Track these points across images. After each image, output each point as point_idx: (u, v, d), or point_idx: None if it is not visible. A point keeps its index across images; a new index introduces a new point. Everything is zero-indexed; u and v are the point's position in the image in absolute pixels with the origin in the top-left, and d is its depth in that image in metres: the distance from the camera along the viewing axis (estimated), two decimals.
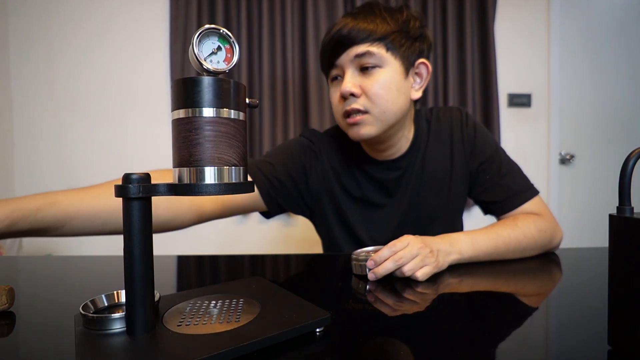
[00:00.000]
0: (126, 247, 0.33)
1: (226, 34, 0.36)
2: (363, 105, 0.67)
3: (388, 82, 0.66)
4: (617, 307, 0.32)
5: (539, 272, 0.61)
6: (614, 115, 1.97)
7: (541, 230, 0.67)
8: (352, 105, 0.67)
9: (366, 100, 0.67)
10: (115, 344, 0.32)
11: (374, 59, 0.66)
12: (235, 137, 0.35)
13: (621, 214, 0.31)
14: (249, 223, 1.79)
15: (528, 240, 0.65)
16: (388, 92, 0.67)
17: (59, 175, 1.72)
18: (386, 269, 0.53)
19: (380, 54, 0.66)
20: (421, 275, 0.53)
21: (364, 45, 0.65)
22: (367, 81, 0.66)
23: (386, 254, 0.54)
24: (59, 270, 0.66)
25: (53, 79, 1.71)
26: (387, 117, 0.68)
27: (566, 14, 1.91)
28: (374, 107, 0.67)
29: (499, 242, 0.63)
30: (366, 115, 0.67)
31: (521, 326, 0.39)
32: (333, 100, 0.72)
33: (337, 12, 1.69)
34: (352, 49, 0.66)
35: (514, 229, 0.65)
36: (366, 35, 0.65)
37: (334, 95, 0.72)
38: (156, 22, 1.72)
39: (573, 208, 1.96)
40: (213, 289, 0.46)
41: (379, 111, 0.67)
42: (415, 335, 0.37)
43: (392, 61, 0.67)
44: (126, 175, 0.32)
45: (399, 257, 0.53)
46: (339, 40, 0.66)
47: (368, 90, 0.66)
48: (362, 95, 0.67)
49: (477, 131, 0.78)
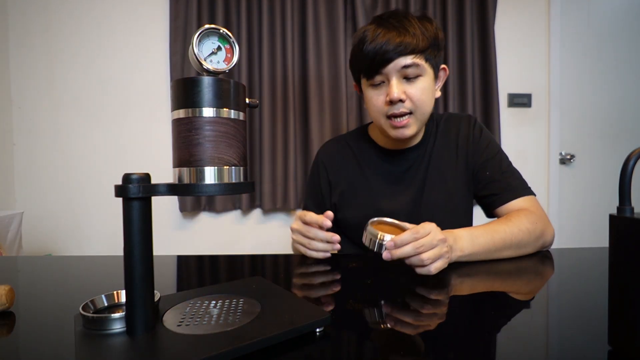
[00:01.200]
0: (126, 247, 0.33)
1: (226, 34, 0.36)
2: (408, 108, 0.77)
3: (427, 89, 0.77)
4: (617, 307, 0.32)
5: (539, 272, 0.61)
6: (614, 115, 1.97)
7: (533, 222, 0.71)
8: (400, 109, 0.76)
9: (411, 105, 0.76)
10: (115, 344, 0.32)
11: (417, 69, 0.75)
12: (235, 137, 0.35)
13: (621, 214, 0.31)
14: (249, 223, 1.79)
15: (522, 234, 0.68)
16: (427, 96, 0.78)
17: (59, 175, 1.72)
18: (404, 253, 0.55)
19: (422, 64, 0.75)
20: (434, 269, 0.55)
21: (409, 57, 0.74)
22: (412, 89, 0.76)
23: (408, 239, 0.56)
24: (59, 270, 0.66)
25: (53, 79, 1.71)
26: (425, 116, 0.80)
27: (566, 14, 1.91)
28: (417, 109, 0.77)
29: (496, 237, 0.66)
30: (411, 117, 0.78)
31: (521, 326, 0.39)
32: (376, 103, 0.80)
33: (337, 12, 1.69)
34: (399, 60, 0.74)
35: (508, 224, 0.69)
36: (412, 49, 0.74)
37: (377, 98, 0.79)
38: (156, 22, 1.72)
39: (573, 208, 1.96)
40: (213, 289, 0.46)
41: (421, 112, 0.78)
42: (415, 335, 0.37)
43: (429, 70, 0.77)
44: (126, 175, 0.32)
45: (420, 245, 0.55)
46: (386, 50, 0.74)
47: (413, 96, 0.76)
48: (407, 100, 0.76)
49: (483, 134, 0.86)
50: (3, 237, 1.37)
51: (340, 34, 1.69)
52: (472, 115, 0.90)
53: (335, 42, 1.70)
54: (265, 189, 1.69)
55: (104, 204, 1.72)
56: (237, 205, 1.74)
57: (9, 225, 1.41)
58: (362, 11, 1.71)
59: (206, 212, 1.77)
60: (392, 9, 1.69)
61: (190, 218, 1.77)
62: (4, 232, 1.38)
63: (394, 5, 1.71)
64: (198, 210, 1.75)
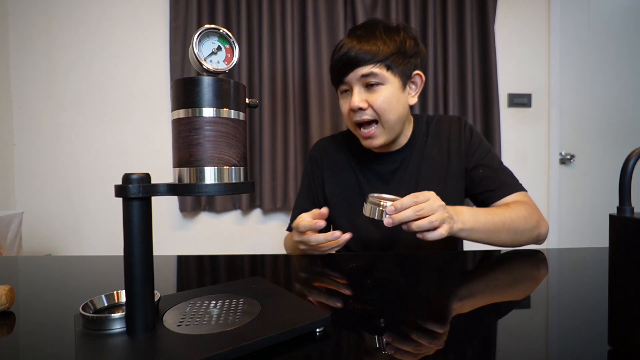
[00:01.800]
0: (126, 247, 0.33)
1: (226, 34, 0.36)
2: (371, 115, 0.78)
3: (389, 97, 0.78)
4: (617, 307, 0.32)
5: (539, 272, 0.61)
6: (614, 115, 1.97)
7: (529, 212, 0.73)
8: (362, 117, 0.78)
9: (373, 112, 0.78)
10: (115, 344, 0.32)
11: (376, 78, 0.76)
12: (235, 137, 0.35)
13: (621, 214, 0.31)
14: (249, 223, 1.79)
15: (520, 220, 0.70)
16: (389, 104, 0.78)
17: (59, 175, 1.72)
18: (405, 217, 0.56)
19: (382, 74, 0.76)
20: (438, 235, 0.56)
21: (368, 66, 0.76)
22: (372, 96, 0.77)
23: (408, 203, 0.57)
24: (59, 270, 0.66)
25: (53, 79, 1.71)
26: (392, 125, 0.80)
27: (566, 14, 1.91)
28: (380, 116, 0.78)
29: (496, 218, 0.68)
30: (377, 127, 0.79)
31: (521, 326, 0.39)
32: (343, 111, 0.83)
33: (337, 12, 1.69)
34: (358, 69, 0.76)
35: (507, 210, 0.72)
36: (370, 58, 0.75)
37: (344, 106, 0.83)
38: (156, 22, 1.72)
39: (573, 208, 1.96)
40: (213, 289, 0.46)
41: (385, 120, 0.79)
42: (415, 334, 0.37)
43: (391, 78, 0.78)
44: (126, 175, 0.32)
45: (420, 208, 0.57)
46: (347, 61, 0.77)
47: (373, 103, 0.77)
48: (369, 108, 0.78)
49: (473, 135, 0.88)
50: (3, 237, 1.37)
51: (340, 34, 1.69)
52: (462, 117, 0.92)
53: (335, 42, 1.70)
54: (265, 189, 1.69)
55: (104, 204, 1.72)
56: (237, 205, 1.74)
57: (9, 225, 1.41)
58: (362, 11, 1.71)
59: (206, 212, 1.77)
60: (392, 9, 1.70)
61: (190, 218, 1.77)
62: (4, 232, 1.38)
63: (394, 5, 1.71)
64: (198, 210, 1.75)
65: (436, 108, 1.76)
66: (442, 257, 0.69)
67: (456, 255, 0.72)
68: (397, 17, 1.71)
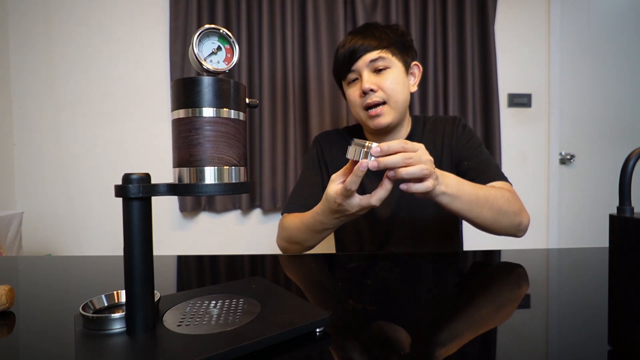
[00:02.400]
0: (126, 247, 0.33)
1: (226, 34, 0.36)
2: (381, 97, 0.83)
3: (397, 78, 0.84)
4: (617, 307, 0.32)
5: (539, 271, 0.61)
6: (614, 115, 1.97)
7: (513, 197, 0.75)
8: (373, 98, 0.83)
9: (383, 94, 0.83)
10: (115, 344, 0.32)
11: (384, 62, 0.83)
12: (235, 137, 0.35)
13: (621, 214, 0.31)
14: (249, 223, 1.79)
15: (503, 201, 0.71)
16: (398, 85, 0.84)
17: (59, 175, 1.72)
18: (392, 161, 0.53)
19: (389, 57, 0.84)
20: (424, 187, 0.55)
21: (375, 51, 0.83)
22: (381, 79, 0.84)
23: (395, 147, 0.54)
24: (59, 270, 0.66)
25: (53, 79, 1.71)
26: (399, 105, 0.86)
27: (566, 14, 1.91)
28: (390, 97, 0.84)
29: (480, 193, 0.67)
30: (385, 106, 0.84)
31: (521, 326, 0.39)
32: (353, 98, 0.88)
33: (337, 12, 1.69)
34: (366, 55, 0.83)
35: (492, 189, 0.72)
36: (376, 44, 0.83)
37: (353, 93, 0.87)
38: (156, 22, 1.72)
39: (573, 208, 1.96)
40: (213, 289, 0.46)
41: (394, 101, 0.84)
42: (415, 334, 0.37)
43: (397, 63, 0.85)
44: (126, 175, 0.32)
45: (409, 156, 0.54)
46: (355, 50, 0.84)
47: (383, 85, 0.83)
48: (379, 91, 0.83)
49: (465, 131, 0.92)
50: (3, 237, 1.37)
51: (340, 34, 1.69)
52: (458, 117, 0.96)
53: (335, 42, 1.70)
54: (265, 189, 1.69)
55: (104, 204, 1.71)
56: (237, 205, 1.73)
57: (9, 225, 1.41)
58: (362, 11, 1.71)
59: (206, 212, 1.77)
60: (392, 9, 1.70)
61: (190, 218, 1.77)
62: (4, 232, 1.38)
63: (394, 5, 1.71)
64: (198, 210, 1.75)
65: (436, 108, 1.76)
66: (441, 257, 0.69)
67: (456, 255, 0.72)
68: (397, 17, 1.71)
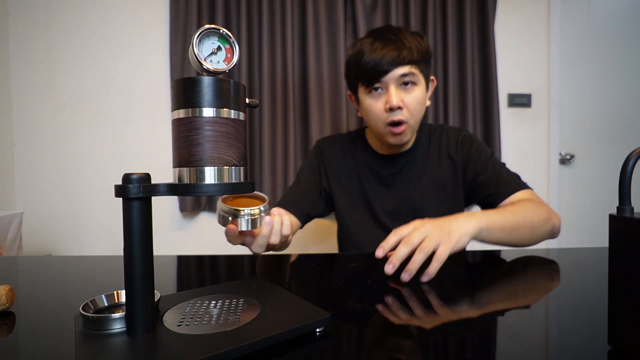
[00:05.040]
0: (126, 247, 0.33)
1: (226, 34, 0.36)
2: (405, 117, 0.81)
3: (420, 98, 0.82)
4: (617, 307, 0.32)
5: (539, 272, 0.61)
6: (614, 115, 1.97)
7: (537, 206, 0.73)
8: (399, 117, 0.80)
9: (407, 113, 0.81)
10: (115, 344, 0.32)
11: (412, 77, 0.80)
12: (235, 137, 0.35)
13: (621, 214, 0.31)
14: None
15: (531, 215, 0.69)
16: (420, 105, 0.83)
17: (59, 175, 1.72)
18: (401, 255, 0.52)
19: (417, 74, 0.81)
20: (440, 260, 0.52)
21: (407, 67, 0.79)
22: (407, 97, 0.81)
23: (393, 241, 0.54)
24: (59, 270, 0.66)
25: (53, 79, 1.71)
26: (417, 124, 0.85)
27: (566, 14, 1.91)
28: (411, 117, 0.82)
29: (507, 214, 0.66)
30: (406, 125, 0.82)
31: (521, 326, 0.39)
32: (376, 111, 0.83)
33: (336, 12, 1.69)
34: (399, 69, 0.79)
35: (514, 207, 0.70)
36: (409, 60, 0.79)
37: (377, 106, 0.83)
38: (156, 22, 1.72)
39: (573, 208, 1.96)
40: (213, 289, 0.46)
41: (414, 121, 0.83)
42: (415, 334, 0.37)
43: (421, 80, 0.83)
44: (126, 175, 0.32)
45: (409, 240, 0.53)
46: (387, 61, 0.79)
47: (408, 104, 0.81)
48: (404, 109, 0.81)
49: (473, 146, 0.90)
50: (3, 237, 1.37)
51: (340, 34, 1.69)
52: (464, 128, 0.96)
53: (335, 42, 1.70)
54: (265, 189, 1.69)
55: (104, 204, 1.72)
56: None
57: (9, 225, 1.41)
58: (362, 11, 1.70)
59: (206, 212, 1.77)
60: (392, 9, 1.70)
61: (190, 218, 1.77)
62: (4, 232, 1.38)
63: (394, 5, 1.71)
64: (198, 210, 1.75)
65: (436, 108, 1.76)
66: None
67: (456, 255, 0.72)
68: (397, 18, 1.71)
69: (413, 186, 0.90)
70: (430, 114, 1.75)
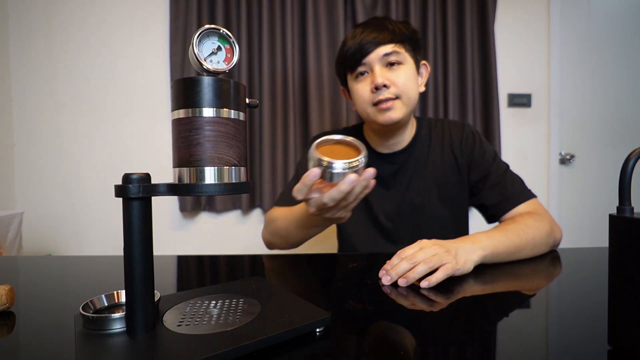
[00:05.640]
0: (126, 247, 0.33)
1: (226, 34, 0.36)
2: (393, 94, 0.79)
3: (410, 75, 0.81)
4: (617, 307, 0.32)
5: (539, 272, 0.61)
6: (614, 115, 1.97)
7: (540, 221, 0.71)
8: (385, 94, 0.78)
9: (395, 89, 0.79)
10: (115, 344, 0.32)
11: (398, 56, 0.79)
12: (235, 137, 0.35)
13: (621, 214, 0.31)
14: (249, 223, 1.79)
15: (534, 231, 0.67)
16: (411, 82, 0.81)
17: (59, 175, 1.72)
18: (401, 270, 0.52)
19: (402, 53, 0.80)
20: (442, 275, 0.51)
21: (389, 45, 0.78)
22: (394, 74, 0.79)
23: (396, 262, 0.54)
24: (59, 270, 0.66)
25: (53, 79, 1.71)
26: (411, 102, 0.82)
27: (566, 14, 1.91)
28: (403, 93, 0.79)
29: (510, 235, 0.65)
30: (397, 101, 0.79)
31: (521, 326, 0.39)
32: (362, 93, 0.82)
33: (336, 12, 1.69)
34: (380, 48, 0.78)
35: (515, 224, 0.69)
36: (390, 38, 0.78)
37: (362, 88, 0.82)
38: (156, 22, 1.72)
39: (573, 208, 1.96)
40: (213, 289, 0.46)
41: (407, 97, 0.80)
42: (415, 334, 0.37)
43: (409, 59, 0.81)
44: (126, 175, 0.32)
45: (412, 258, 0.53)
46: (367, 42, 0.78)
47: (396, 81, 0.79)
48: (392, 86, 0.79)
49: (476, 144, 0.87)
50: (3, 237, 1.37)
51: (340, 34, 1.69)
52: (467, 123, 0.91)
53: (335, 42, 1.70)
54: (265, 189, 1.69)
55: (104, 204, 1.71)
56: (237, 205, 1.73)
57: (9, 225, 1.41)
58: (362, 11, 1.70)
59: (206, 212, 1.77)
60: (392, 9, 1.70)
61: (190, 218, 1.77)
62: (4, 232, 1.38)
63: (394, 5, 1.71)
64: (198, 210, 1.75)
65: (436, 108, 1.76)
66: None
67: None
68: (397, 18, 1.71)
69: (413, 186, 0.87)
70: (430, 114, 1.75)
